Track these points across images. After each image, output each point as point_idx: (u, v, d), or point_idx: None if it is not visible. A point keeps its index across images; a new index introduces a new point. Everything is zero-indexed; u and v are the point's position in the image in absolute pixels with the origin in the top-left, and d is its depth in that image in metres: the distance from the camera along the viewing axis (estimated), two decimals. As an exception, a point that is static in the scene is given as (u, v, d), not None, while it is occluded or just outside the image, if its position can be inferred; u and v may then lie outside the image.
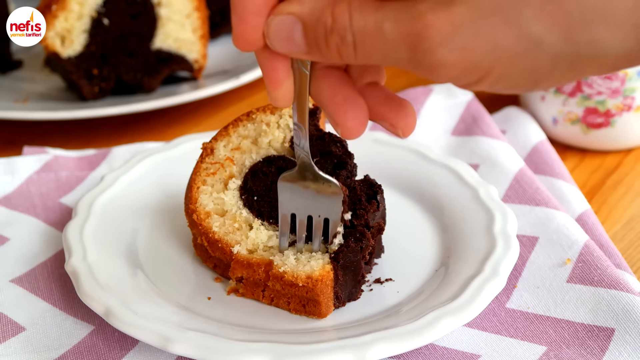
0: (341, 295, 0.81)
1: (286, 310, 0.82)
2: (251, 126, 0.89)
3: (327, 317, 0.81)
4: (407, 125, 0.65)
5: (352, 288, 0.82)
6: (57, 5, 1.18)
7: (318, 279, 0.78)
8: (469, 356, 0.78)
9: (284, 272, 0.79)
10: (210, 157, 0.89)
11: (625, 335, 0.78)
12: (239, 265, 0.82)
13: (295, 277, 0.79)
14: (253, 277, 0.82)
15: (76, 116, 1.18)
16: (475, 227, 0.89)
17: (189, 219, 0.87)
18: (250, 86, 1.34)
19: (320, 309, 0.80)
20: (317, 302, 0.80)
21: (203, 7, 1.28)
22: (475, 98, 1.18)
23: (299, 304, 0.81)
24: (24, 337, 0.83)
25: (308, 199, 0.80)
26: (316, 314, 0.81)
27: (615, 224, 1.00)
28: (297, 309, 0.82)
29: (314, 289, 0.78)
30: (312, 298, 0.79)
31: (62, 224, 0.98)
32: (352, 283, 0.82)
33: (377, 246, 0.88)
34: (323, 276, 0.78)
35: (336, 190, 0.79)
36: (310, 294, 0.79)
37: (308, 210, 0.80)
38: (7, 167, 1.07)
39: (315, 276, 0.78)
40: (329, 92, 0.64)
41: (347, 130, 0.64)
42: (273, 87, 0.63)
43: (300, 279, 0.79)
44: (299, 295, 0.80)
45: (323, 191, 0.79)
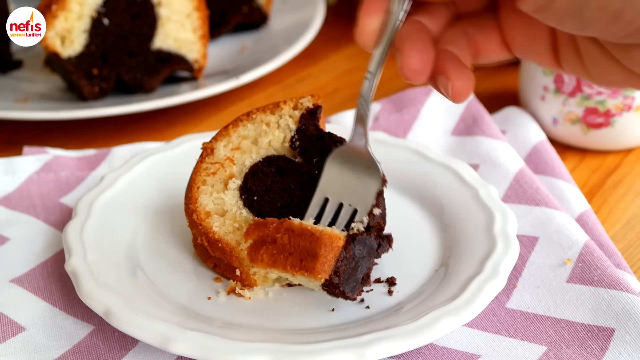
0: (340, 274, 0.77)
1: (281, 270, 0.79)
2: (251, 126, 0.89)
3: (326, 317, 0.82)
4: (461, 88, 0.66)
5: (354, 281, 0.80)
6: (57, 5, 1.18)
7: (326, 233, 0.77)
8: (469, 356, 0.78)
9: (300, 223, 0.78)
10: (210, 157, 0.89)
11: (625, 335, 0.78)
12: (254, 226, 0.81)
13: (307, 226, 0.78)
14: (263, 233, 0.80)
15: (76, 116, 1.18)
16: (475, 227, 0.89)
17: (189, 219, 0.87)
18: (250, 86, 1.34)
19: (316, 265, 0.76)
20: (316, 255, 0.76)
21: (203, 7, 1.28)
22: (475, 98, 1.18)
23: (297, 259, 0.78)
24: (24, 337, 0.83)
25: (346, 184, 0.80)
26: (310, 270, 0.77)
27: (615, 224, 1.00)
28: (294, 263, 0.78)
29: (319, 238, 0.76)
30: (313, 250, 0.77)
31: (62, 224, 0.98)
32: (355, 275, 0.80)
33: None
34: (332, 235, 0.77)
35: (376, 180, 0.79)
36: (314, 244, 0.76)
37: (342, 197, 0.80)
38: (7, 167, 1.08)
39: (326, 231, 0.77)
40: (412, 35, 0.66)
41: (409, 69, 0.66)
42: (365, 16, 0.65)
43: (311, 227, 0.77)
44: (302, 247, 0.77)
45: (364, 177, 0.79)
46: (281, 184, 0.88)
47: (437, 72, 0.66)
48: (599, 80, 0.63)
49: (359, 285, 0.81)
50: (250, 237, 0.80)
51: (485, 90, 1.30)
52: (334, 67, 1.43)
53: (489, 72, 1.38)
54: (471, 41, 0.68)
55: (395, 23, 0.67)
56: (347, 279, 0.79)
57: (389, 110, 1.18)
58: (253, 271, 0.86)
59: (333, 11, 1.60)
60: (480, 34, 0.68)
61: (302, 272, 0.77)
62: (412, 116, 1.16)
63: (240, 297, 0.85)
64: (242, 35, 1.47)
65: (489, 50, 0.68)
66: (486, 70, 1.39)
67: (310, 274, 0.76)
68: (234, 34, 1.47)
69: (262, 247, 0.79)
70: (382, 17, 0.66)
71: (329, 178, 0.81)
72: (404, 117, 1.16)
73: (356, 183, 0.80)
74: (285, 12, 1.51)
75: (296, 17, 1.47)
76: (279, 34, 1.45)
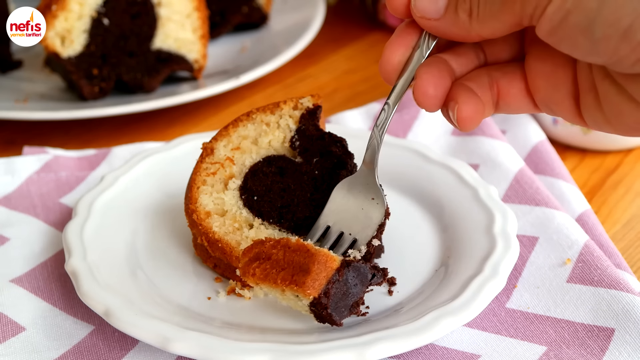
0: (330, 296, 0.75)
1: (272, 285, 0.77)
2: (251, 126, 0.89)
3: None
4: (468, 114, 0.67)
5: (343, 307, 0.77)
6: (57, 5, 1.18)
7: (322, 251, 0.75)
8: (469, 356, 0.78)
9: (297, 239, 0.77)
10: (210, 157, 0.89)
11: (625, 335, 0.78)
12: (252, 245, 0.80)
13: (304, 243, 0.77)
14: (259, 249, 0.78)
15: (76, 116, 1.18)
16: (475, 227, 0.89)
17: (189, 219, 0.87)
18: (250, 86, 1.34)
19: (307, 280, 0.74)
20: (308, 271, 0.74)
21: (203, 7, 1.28)
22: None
23: (289, 274, 0.76)
24: (24, 337, 0.83)
25: (350, 213, 0.81)
26: (300, 284, 0.74)
27: (615, 224, 1.00)
28: (285, 277, 0.76)
29: (314, 255, 0.75)
30: (306, 266, 0.75)
31: (62, 224, 0.98)
32: (345, 301, 0.77)
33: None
34: (328, 255, 0.75)
35: (380, 212, 0.80)
36: (307, 260, 0.75)
37: (343, 226, 0.82)
38: (7, 167, 1.07)
39: (323, 250, 0.76)
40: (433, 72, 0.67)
41: (422, 92, 0.67)
42: (391, 49, 0.68)
43: (308, 244, 0.76)
44: (295, 262, 0.76)
45: (368, 208, 0.81)
46: (281, 184, 0.88)
47: (448, 99, 0.67)
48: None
49: (347, 312, 0.78)
50: (247, 256, 0.79)
51: (485, 90, 1.30)
52: (334, 67, 1.43)
53: (489, 72, 1.38)
54: (493, 83, 0.68)
55: (420, 59, 0.68)
56: (336, 304, 0.76)
57: (389, 110, 1.18)
58: (253, 271, 0.86)
59: (333, 11, 1.60)
60: (503, 78, 0.68)
61: (292, 287, 0.75)
62: (412, 116, 1.16)
63: (240, 297, 0.85)
64: (242, 35, 1.47)
65: (510, 95, 0.68)
66: (486, 70, 1.39)
67: (299, 288, 0.75)
68: (234, 34, 1.47)
69: (256, 262, 0.78)
70: (408, 52, 0.68)
71: (334, 206, 0.82)
72: (404, 117, 1.16)
73: (359, 213, 0.81)
74: (285, 12, 1.51)
75: (296, 17, 1.47)
76: (279, 34, 1.45)
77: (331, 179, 0.88)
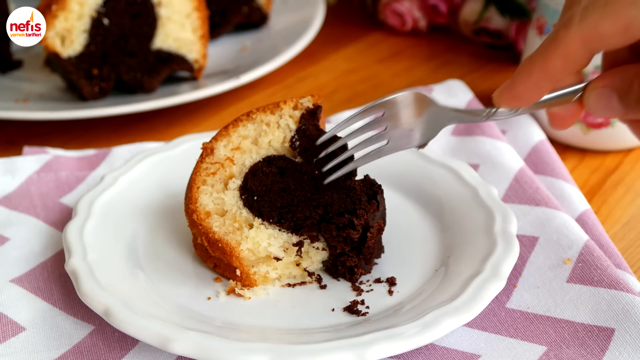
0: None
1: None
2: (251, 126, 0.89)
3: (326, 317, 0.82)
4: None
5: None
6: (57, 5, 1.18)
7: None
8: (469, 356, 0.78)
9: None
10: (210, 157, 0.89)
11: (625, 335, 0.78)
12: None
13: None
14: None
15: (76, 116, 1.18)
16: (475, 227, 0.89)
17: (189, 219, 0.87)
18: (250, 86, 1.34)
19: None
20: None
21: (203, 7, 1.28)
22: (475, 98, 1.18)
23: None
24: (24, 337, 0.83)
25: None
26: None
27: (615, 224, 1.00)
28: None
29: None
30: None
31: (62, 224, 0.98)
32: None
33: (377, 246, 0.88)
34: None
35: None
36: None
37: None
38: (7, 167, 1.07)
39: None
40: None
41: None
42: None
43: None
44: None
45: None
46: (281, 184, 0.88)
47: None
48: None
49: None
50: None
51: (485, 90, 1.30)
52: (334, 67, 1.43)
53: (489, 72, 1.38)
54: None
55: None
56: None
57: (389, 110, 1.18)
58: (253, 271, 0.86)
59: (333, 11, 1.60)
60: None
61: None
62: (412, 116, 1.16)
63: (240, 297, 0.85)
64: (242, 35, 1.47)
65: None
66: (486, 70, 1.39)
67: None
68: (234, 34, 1.47)
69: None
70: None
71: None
72: (404, 117, 1.16)
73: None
74: (285, 12, 1.51)
75: (296, 17, 1.47)
76: (279, 34, 1.45)
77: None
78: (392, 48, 1.48)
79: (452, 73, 1.36)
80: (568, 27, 0.65)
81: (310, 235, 0.86)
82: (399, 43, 1.50)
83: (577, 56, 0.66)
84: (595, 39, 0.64)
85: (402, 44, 1.49)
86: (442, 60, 1.43)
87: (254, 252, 0.86)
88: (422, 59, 1.44)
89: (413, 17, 1.50)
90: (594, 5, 0.64)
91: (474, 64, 1.41)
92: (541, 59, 0.67)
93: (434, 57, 1.45)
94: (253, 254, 0.86)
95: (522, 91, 0.70)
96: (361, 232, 0.85)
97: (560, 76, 0.68)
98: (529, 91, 0.69)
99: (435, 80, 1.29)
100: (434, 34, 1.52)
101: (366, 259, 0.87)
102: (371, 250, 0.86)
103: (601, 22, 0.63)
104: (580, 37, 0.65)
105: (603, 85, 0.69)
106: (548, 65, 0.67)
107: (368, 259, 0.87)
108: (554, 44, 0.66)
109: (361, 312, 0.82)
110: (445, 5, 1.48)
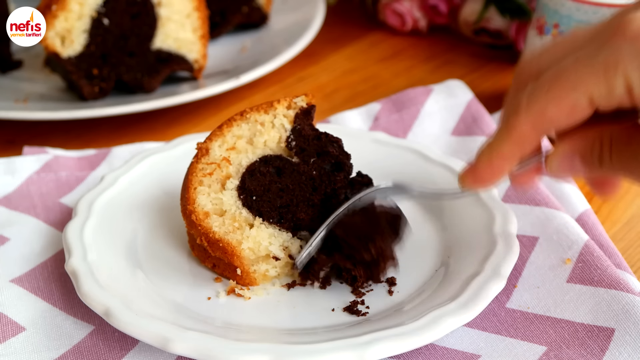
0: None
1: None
2: (245, 126, 0.89)
3: (326, 317, 0.82)
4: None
5: None
6: (57, 5, 1.18)
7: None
8: (469, 356, 0.78)
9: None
10: (206, 158, 0.88)
11: (625, 335, 0.78)
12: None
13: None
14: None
15: (76, 116, 1.18)
16: (476, 227, 0.89)
17: (187, 220, 0.87)
18: (250, 86, 1.34)
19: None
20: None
21: (203, 7, 1.28)
22: (475, 98, 1.18)
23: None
24: (24, 337, 0.83)
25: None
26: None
27: (615, 224, 1.00)
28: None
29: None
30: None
31: (62, 224, 0.98)
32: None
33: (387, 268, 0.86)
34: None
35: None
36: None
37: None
38: (7, 167, 1.07)
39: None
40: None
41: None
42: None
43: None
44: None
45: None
46: (279, 184, 0.88)
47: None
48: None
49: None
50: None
51: (485, 90, 1.30)
52: (334, 67, 1.43)
53: (489, 72, 1.38)
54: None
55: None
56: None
57: (389, 110, 1.18)
58: (253, 269, 0.86)
59: (333, 11, 1.60)
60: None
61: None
62: (412, 116, 1.16)
63: (240, 297, 0.85)
64: (242, 35, 1.47)
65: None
66: (486, 70, 1.39)
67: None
68: (234, 34, 1.47)
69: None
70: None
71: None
72: (404, 117, 1.16)
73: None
74: (285, 12, 1.51)
75: (296, 17, 1.47)
76: (279, 34, 1.45)
77: (329, 180, 0.88)
78: (392, 48, 1.48)
79: (452, 73, 1.36)
80: (518, 114, 0.68)
81: (322, 260, 0.85)
82: (399, 43, 1.50)
83: (529, 139, 0.69)
84: (543, 123, 0.67)
85: (402, 44, 1.49)
86: (442, 60, 1.44)
87: (254, 251, 0.86)
88: (422, 59, 1.44)
89: (413, 17, 1.50)
90: (538, 90, 0.67)
91: (474, 64, 1.41)
92: (498, 146, 0.71)
93: (434, 57, 1.45)
94: (253, 252, 0.86)
95: (485, 175, 0.74)
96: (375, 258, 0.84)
97: (517, 158, 0.71)
98: (491, 175, 0.73)
99: (435, 80, 1.29)
100: (434, 34, 1.52)
101: (373, 277, 0.86)
102: (380, 271, 0.85)
103: (547, 107, 0.66)
104: (530, 122, 0.67)
105: (564, 150, 0.71)
106: (504, 151, 0.70)
107: (375, 277, 0.86)
108: (507, 131, 0.69)
109: (361, 312, 0.82)
110: (445, 5, 1.48)
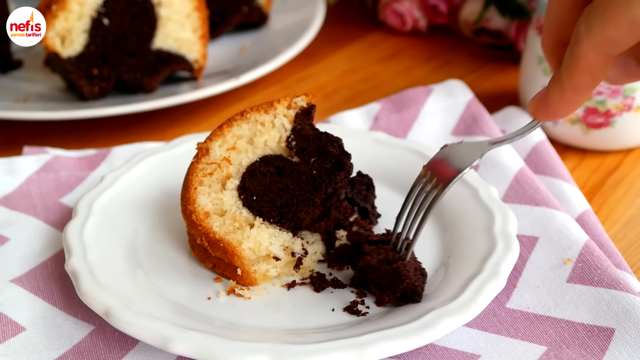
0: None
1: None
2: (245, 126, 0.89)
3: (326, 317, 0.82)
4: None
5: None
6: (57, 5, 1.18)
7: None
8: (469, 356, 0.78)
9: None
10: (206, 158, 0.88)
11: (625, 335, 0.78)
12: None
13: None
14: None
15: (76, 116, 1.18)
16: (475, 227, 0.89)
17: (187, 220, 0.87)
18: (250, 86, 1.34)
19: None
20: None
21: (203, 7, 1.28)
22: (475, 98, 1.18)
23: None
24: (24, 337, 0.83)
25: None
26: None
27: (615, 224, 1.00)
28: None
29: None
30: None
31: (62, 224, 0.98)
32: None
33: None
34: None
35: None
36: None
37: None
38: (7, 167, 1.07)
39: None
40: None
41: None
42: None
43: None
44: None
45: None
46: (280, 184, 0.87)
47: None
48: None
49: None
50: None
51: (485, 90, 1.30)
52: (334, 67, 1.43)
53: (489, 72, 1.38)
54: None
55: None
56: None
57: (389, 110, 1.18)
58: (253, 269, 0.86)
59: (333, 11, 1.60)
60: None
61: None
62: (412, 116, 1.16)
63: (240, 297, 0.85)
64: (242, 35, 1.47)
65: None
66: (486, 70, 1.39)
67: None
68: (234, 34, 1.47)
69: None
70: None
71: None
72: (404, 117, 1.16)
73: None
74: (285, 12, 1.51)
75: (296, 17, 1.47)
76: (279, 34, 1.45)
77: (329, 179, 0.88)
78: (392, 48, 1.48)
79: (452, 73, 1.36)
80: (579, 42, 0.66)
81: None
82: (399, 43, 1.50)
83: (598, 65, 0.67)
84: (606, 45, 0.65)
85: (402, 44, 1.49)
86: (442, 60, 1.43)
87: (254, 251, 0.86)
88: (422, 59, 1.44)
89: (413, 17, 1.50)
90: (594, 13, 0.65)
91: (474, 64, 1.41)
92: (568, 77, 0.69)
93: (434, 57, 1.45)
94: (254, 252, 0.86)
95: (559, 108, 0.72)
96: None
97: (590, 87, 0.69)
98: (566, 107, 0.71)
99: (435, 80, 1.29)
100: (434, 34, 1.52)
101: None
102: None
103: (606, 29, 0.64)
104: (593, 48, 0.66)
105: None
106: (576, 82, 0.68)
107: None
108: (574, 61, 0.68)
109: (361, 312, 0.82)
110: (445, 5, 1.48)
